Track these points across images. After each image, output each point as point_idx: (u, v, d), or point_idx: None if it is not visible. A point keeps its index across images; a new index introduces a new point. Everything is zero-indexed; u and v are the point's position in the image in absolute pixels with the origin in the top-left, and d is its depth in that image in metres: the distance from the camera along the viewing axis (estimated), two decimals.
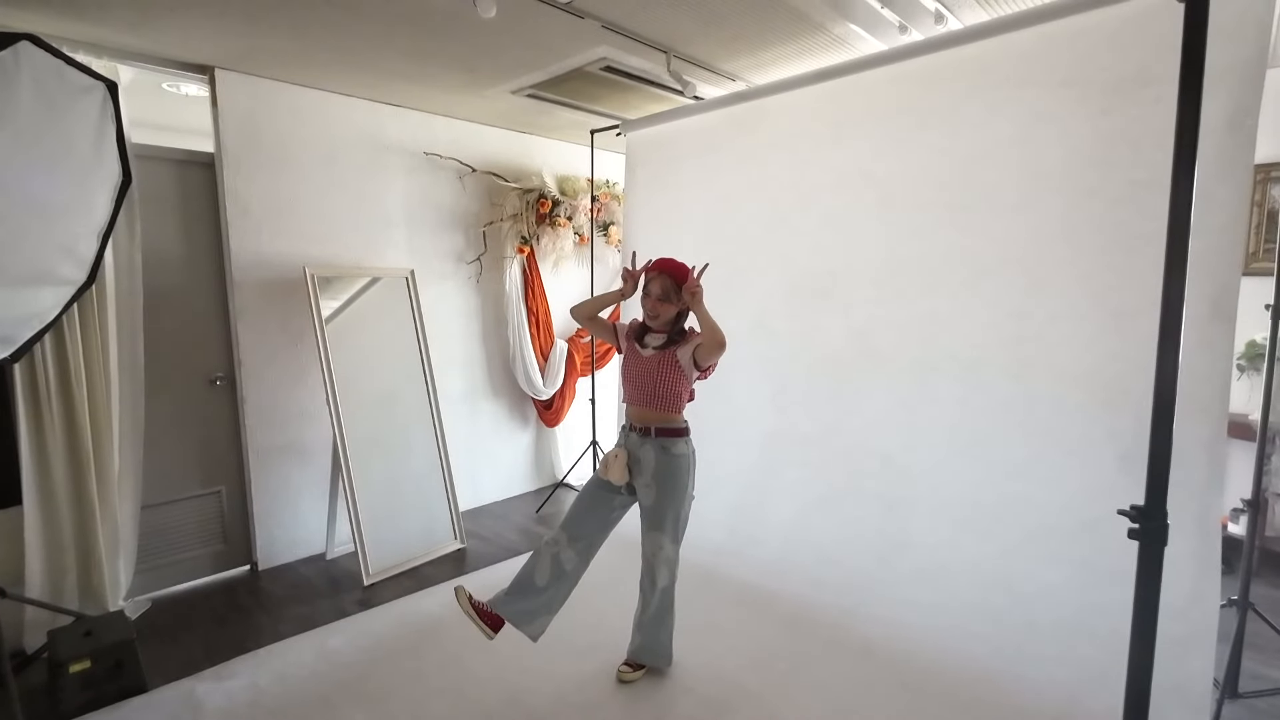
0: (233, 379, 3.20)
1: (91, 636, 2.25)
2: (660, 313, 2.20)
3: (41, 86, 2.03)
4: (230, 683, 2.32)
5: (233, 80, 3.01)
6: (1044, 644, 2.24)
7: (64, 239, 2.26)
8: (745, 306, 3.14)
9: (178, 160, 3.02)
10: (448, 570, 3.31)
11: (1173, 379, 1.35)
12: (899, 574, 2.66)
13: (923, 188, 2.58)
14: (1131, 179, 2.07)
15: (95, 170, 2.32)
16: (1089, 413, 2.19)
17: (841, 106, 2.81)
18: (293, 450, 3.36)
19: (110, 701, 2.20)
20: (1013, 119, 2.33)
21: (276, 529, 3.34)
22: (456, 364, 4.06)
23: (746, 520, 3.21)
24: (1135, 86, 2.06)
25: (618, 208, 4.45)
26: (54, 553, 2.58)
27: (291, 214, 3.27)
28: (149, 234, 2.82)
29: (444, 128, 3.83)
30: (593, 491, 2.29)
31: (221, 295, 3.17)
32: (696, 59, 2.93)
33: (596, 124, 3.81)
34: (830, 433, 2.93)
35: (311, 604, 2.95)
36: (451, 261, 3.98)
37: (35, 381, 2.48)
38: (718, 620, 2.71)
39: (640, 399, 2.23)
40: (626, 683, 2.29)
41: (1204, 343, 1.91)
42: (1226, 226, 1.88)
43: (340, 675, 2.37)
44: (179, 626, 2.77)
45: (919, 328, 2.62)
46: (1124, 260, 2.09)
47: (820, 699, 2.20)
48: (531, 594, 2.18)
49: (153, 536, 2.99)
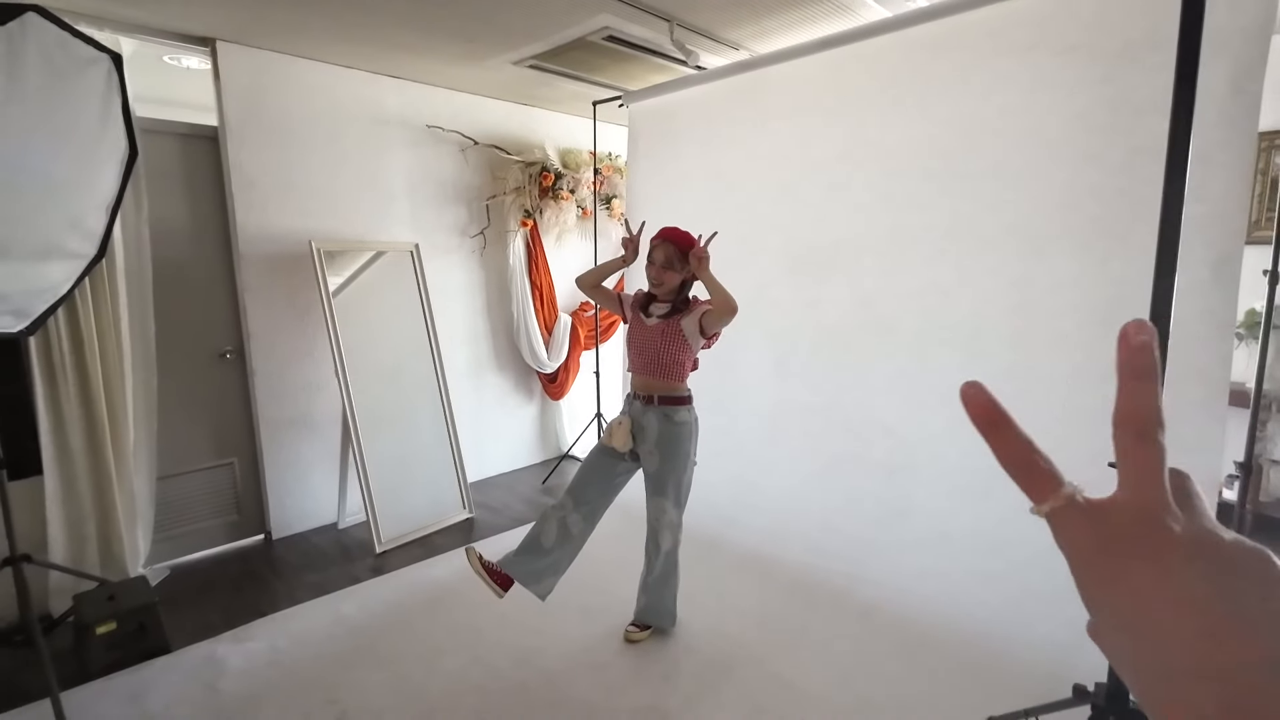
0: (242, 352, 3.24)
1: (115, 600, 2.32)
2: (664, 280, 2.22)
3: (48, 58, 2.03)
4: (250, 644, 2.40)
5: (234, 52, 3.00)
6: (1039, 606, 2.30)
7: (72, 213, 2.28)
8: (748, 277, 3.15)
9: (182, 134, 3.03)
10: (457, 539, 3.38)
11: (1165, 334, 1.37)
12: (899, 540, 2.72)
13: (926, 157, 2.58)
14: (1134, 145, 2.07)
15: (102, 143, 2.33)
16: (1087, 380, 2.22)
17: (845, 76, 2.79)
18: (302, 422, 3.41)
19: (135, 662, 2.28)
20: (1017, 86, 2.32)
21: (288, 499, 3.41)
22: (462, 338, 4.10)
23: (749, 488, 3.27)
24: (1141, 51, 2.05)
25: (620, 180, 4.44)
26: (75, 521, 2.65)
27: (296, 187, 3.27)
28: (155, 208, 2.84)
29: (445, 100, 3.81)
30: (597, 458, 2.34)
31: (228, 269, 3.20)
32: (699, 27, 2.91)
33: (598, 95, 3.79)
34: (832, 402, 2.97)
35: (325, 571, 3.03)
36: (455, 235, 3.99)
37: (50, 355, 2.52)
38: (722, 585, 2.78)
39: (644, 367, 2.27)
40: (634, 643, 2.36)
41: (1206, 309, 1.93)
42: (1228, 192, 1.89)
43: (355, 638, 2.45)
44: (197, 593, 2.85)
45: (921, 297, 2.64)
46: (1125, 227, 2.11)
47: (821, 659, 2.27)
48: (539, 555, 2.25)
49: (169, 507, 3.06)
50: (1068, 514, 0.30)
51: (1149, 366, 0.29)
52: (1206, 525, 0.29)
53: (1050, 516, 0.31)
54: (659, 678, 2.20)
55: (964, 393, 0.32)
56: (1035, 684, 2.03)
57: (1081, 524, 0.30)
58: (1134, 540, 0.29)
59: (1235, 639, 0.26)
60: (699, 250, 2.16)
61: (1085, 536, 0.30)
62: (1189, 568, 0.28)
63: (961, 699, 2.05)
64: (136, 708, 2.07)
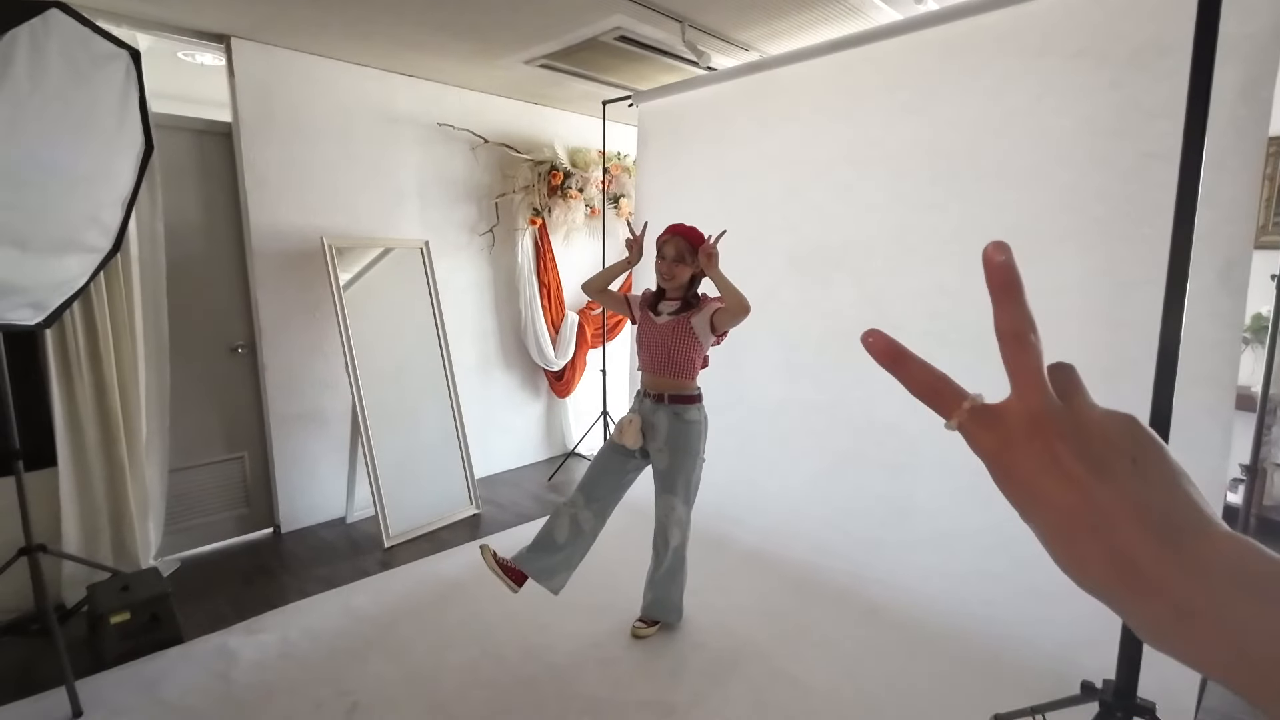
0: (253, 347, 3.27)
1: (128, 591, 2.35)
2: (675, 274, 2.23)
3: (69, 54, 2.06)
4: (261, 636, 2.43)
5: (249, 49, 3.03)
6: (1044, 604, 2.31)
7: (89, 207, 2.30)
8: (756, 277, 3.16)
9: (197, 130, 3.05)
10: (464, 534, 3.40)
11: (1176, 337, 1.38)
12: (904, 539, 2.74)
13: (934, 159, 2.59)
14: (1143, 150, 2.08)
15: (119, 139, 2.36)
16: (1091, 381, 2.20)
17: (854, 78, 2.81)
18: (312, 418, 3.44)
19: (148, 652, 2.31)
20: (1026, 90, 2.34)
21: (297, 494, 3.44)
22: (470, 335, 4.12)
23: (755, 486, 3.29)
24: (1151, 57, 2.07)
25: (629, 180, 4.46)
26: (88, 513, 2.68)
27: (307, 184, 3.30)
28: (170, 204, 2.86)
29: (456, 98, 3.84)
30: (608, 455, 2.36)
31: (241, 265, 3.23)
32: (711, 28, 2.92)
33: (608, 95, 3.81)
34: (838, 401, 2.99)
35: (334, 565, 3.05)
36: (465, 233, 4.01)
37: (66, 348, 2.55)
38: (728, 582, 2.80)
39: (654, 366, 2.29)
40: (641, 638, 2.38)
41: (1213, 313, 1.94)
42: (1238, 197, 1.90)
43: (365, 630, 2.47)
44: (208, 585, 2.87)
45: (927, 298, 2.66)
46: (1133, 231, 2.12)
47: (826, 656, 2.29)
48: (552, 551, 2.27)
49: (179, 499, 3.09)
50: (973, 423, 0.35)
51: (1013, 281, 0.34)
52: (1082, 406, 0.34)
53: (961, 429, 0.35)
54: (666, 673, 2.22)
55: (865, 340, 0.38)
56: (1041, 682, 2.05)
57: (984, 430, 0.34)
58: (1022, 434, 0.33)
59: (1109, 499, 0.30)
60: (708, 248, 2.18)
61: (988, 439, 0.34)
62: (1064, 446, 0.32)
63: (967, 696, 2.06)
64: (151, 697, 2.09)
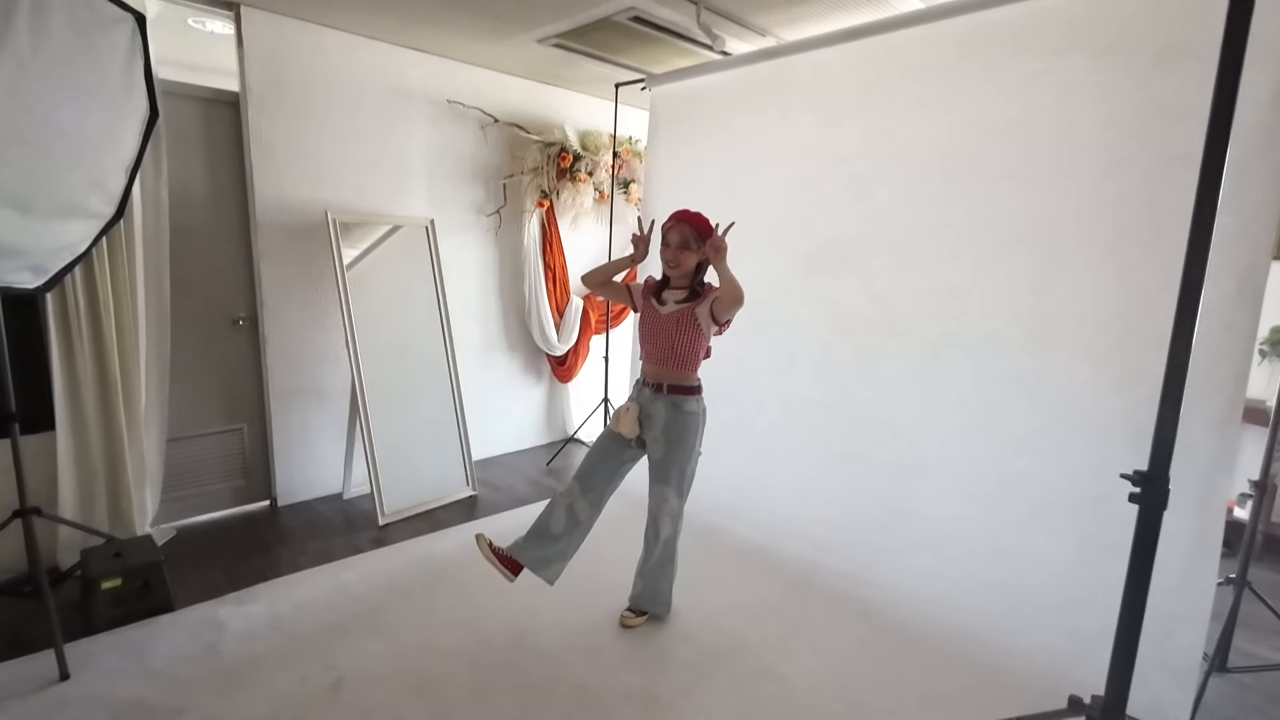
0: (255, 319, 3.26)
1: (121, 557, 2.36)
2: (681, 261, 2.20)
3: (73, 16, 2.03)
4: (251, 607, 2.44)
5: (258, 18, 2.99)
6: (1038, 615, 2.28)
7: (93, 172, 2.29)
8: (763, 269, 3.13)
9: (204, 98, 3.03)
10: (459, 515, 3.40)
11: (1186, 350, 1.34)
12: (901, 541, 2.71)
13: (948, 156, 2.53)
14: (1166, 153, 2.02)
15: (124, 104, 2.34)
16: (1101, 390, 2.19)
17: (871, 68, 2.74)
18: (312, 392, 3.44)
19: (139, 618, 2.32)
20: (1046, 87, 2.27)
21: (295, 467, 3.45)
22: (473, 316, 4.10)
23: (753, 482, 3.26)
24: (1178, 57, 2.00)
25: (639, 165, 4.41)
26: (85, 477, 2.69)
27: (314, 157, 3.27)
28: (175, 172, 2.85)
29: (466, 76, 3.79)
30: (604, 444, 2.34)
31: (245, 236, 3.21)
32: (727, 11, 2.86)
33: (621, 77, 3.75)
34: (840, 400, 2.95)
35: (328, 540, 3.06)
36: (471, 213, 3.98)
37: (66, 312, 2.55)
38: (720, 576, 2.78)
39: (657, 356, 2.26)
40: (629, 628, 2.37)
41: (1227, 323, 1.89)
42: (1261, 205, 1.84)
43: (355, 607, 2.48)
44: (202, 554, 2.89)
45: (936, 299, 2.61)
46: (1151, 236, 2.06)
47: (816, 656, 2.27)
48: (548, 541, 2.26)
49: (177, 469, 3.10)
50: None
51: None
52: None
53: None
54: (652, 663, 2.21)
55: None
56: (1029, 693, 2.02)
57: None
58: None
59: None
60: (716, 240, 2.14)
61: None
62: None
63: (954, 704, 2.04)
64: (138, 663, 2.10)
